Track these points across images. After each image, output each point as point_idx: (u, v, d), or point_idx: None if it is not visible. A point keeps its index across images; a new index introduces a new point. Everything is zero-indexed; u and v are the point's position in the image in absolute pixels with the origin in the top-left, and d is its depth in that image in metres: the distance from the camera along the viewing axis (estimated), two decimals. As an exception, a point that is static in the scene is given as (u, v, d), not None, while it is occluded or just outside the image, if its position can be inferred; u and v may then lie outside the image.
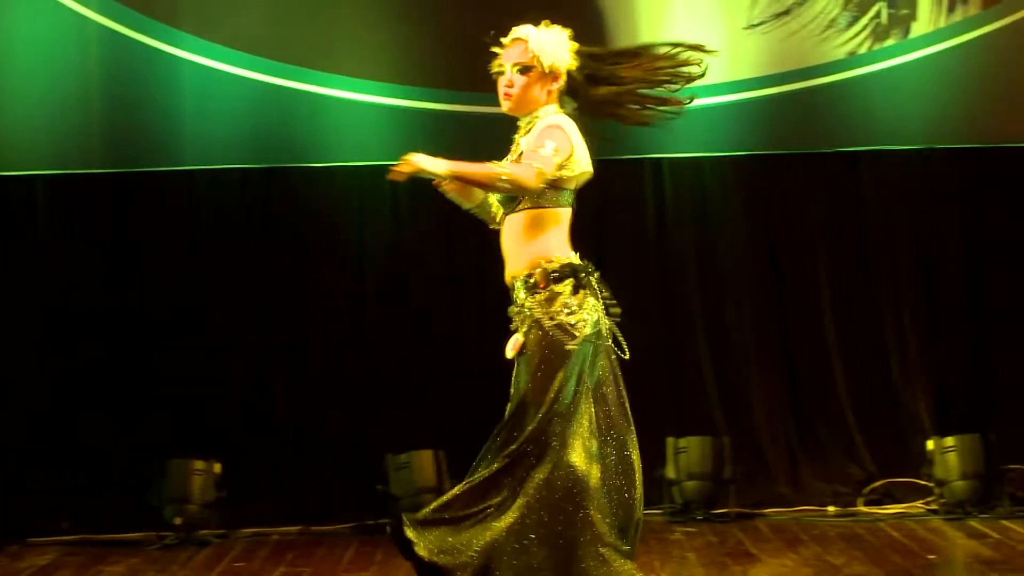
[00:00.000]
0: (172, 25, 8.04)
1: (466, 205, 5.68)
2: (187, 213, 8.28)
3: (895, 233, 8.48)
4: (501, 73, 5.61)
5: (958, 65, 8.29)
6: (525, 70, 5.48)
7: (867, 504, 8.16)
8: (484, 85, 7.72)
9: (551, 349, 5.33)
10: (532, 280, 5.38)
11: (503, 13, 8.01)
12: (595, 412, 5.37)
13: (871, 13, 8.29)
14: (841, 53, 8.27)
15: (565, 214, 5.38)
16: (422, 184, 8.20)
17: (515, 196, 5.37)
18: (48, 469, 8.03)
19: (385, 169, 8.08)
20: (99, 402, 8.14)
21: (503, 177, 5.22)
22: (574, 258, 5.38)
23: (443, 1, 8.25)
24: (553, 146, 5.27)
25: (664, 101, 5.71)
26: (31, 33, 8.02)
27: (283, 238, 8.30)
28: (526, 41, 5.56)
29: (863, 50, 8.29)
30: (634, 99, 5.64)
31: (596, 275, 5.45)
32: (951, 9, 8.28)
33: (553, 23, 7.84)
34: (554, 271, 5.33)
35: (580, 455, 5.28)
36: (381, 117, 8.14)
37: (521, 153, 5.39)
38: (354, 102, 8.14)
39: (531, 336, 5.41)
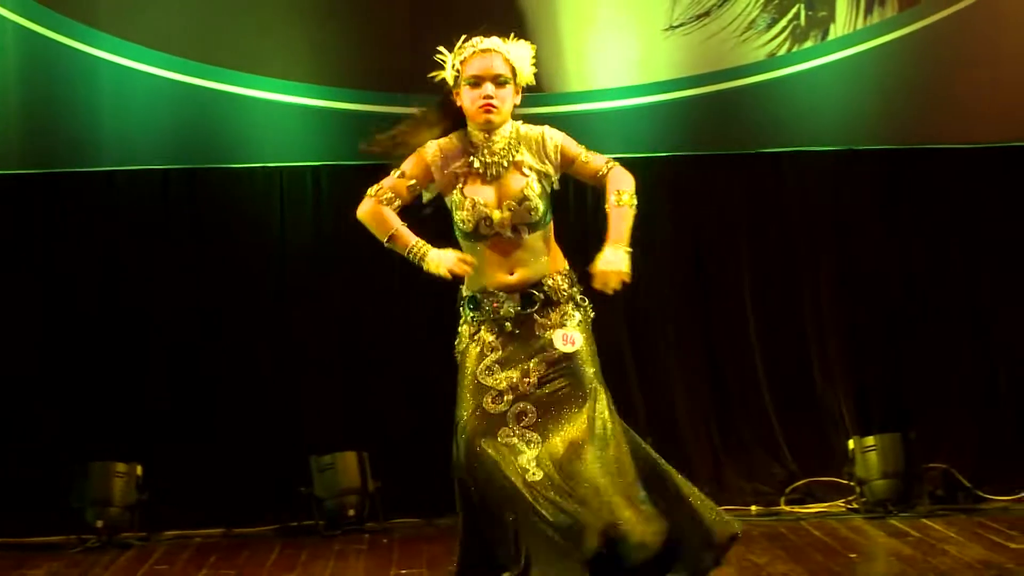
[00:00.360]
0: (90, 25, 7.99)
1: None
2: (107, 214, 8.19)
3: (816, 234, 8.52)
4: (476, 84, 5.60)
5: (876, 67, 8.35)
6: (504, 83, 5.57)
7: (789, 503, 8.20)
8: (402, 85, 7.81)
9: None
10: (572, 279, 5.68)
11: (423, 14, 8.17)
12: None
13: (790, 15, 8.34)
14: (761, 55, 8.32)
15: None
16: (343, 186, 8.27)
17: (543, 218, 5.64)
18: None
19: (307, 169, 8.27)
20: (18, 403, 8.11)
21: (635, 204, 5.60)
22: None
23: (363, 2, 8.26)
24: None
25: None
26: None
27: (205, 239, 8.26)
28: (503, 54, 5.65)
29: (782, 52, 8.33)
30: None
31: None
32: (868, 11, 8.34)
33: (477, 25, 7.97)
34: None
35: None
36: (301, 118, 8.15)
37: (580, 160, 5.66)
38: (274, 102, 8.13)
39: (583, 328, 5.69)
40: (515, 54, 5.67)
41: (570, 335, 5.65)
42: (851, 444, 8.12)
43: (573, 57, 8.19)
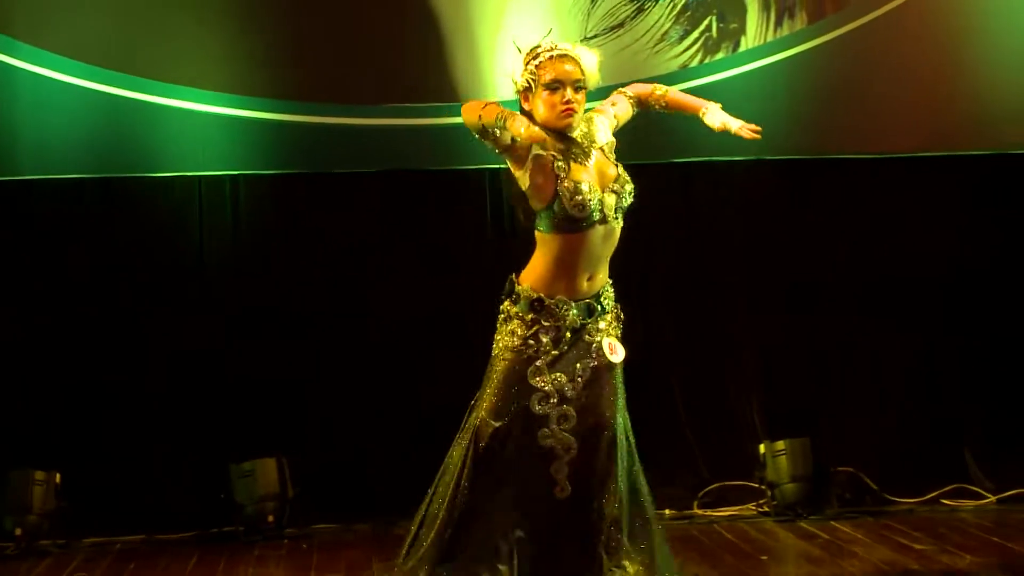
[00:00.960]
0: (7, 34, 7.92)
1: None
2: (23, 222, 8.16)
3: (727, 242, 8.57)
4: (555, 89, 5.71)
5: (785, 78, 8.39)
6: (581, 88, 5.80)
7: (702, 507, 8.24)
8: (319, 94, 8.09)
9: None
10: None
11: (338, 23, 8.14)
12: None
13: (702, 27, 8.33)
14: (674, 66, 8.28)
15: None
16: (261, 194, 8.34)
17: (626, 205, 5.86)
18: None
19: (225, 178, 8.23)
20: None
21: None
22: None
23: (279, 11, 8.17)
24: None
25: None
26: None
27: (123, 248, 8.20)
28: (577, 59, 5.81)
29: (695, 63, 8.32)
30: None
31: None
32: (778, 24, 8.37)
33: (392, 33, 7.97)
34: None
35: None
36: (219, 127, 8.08)
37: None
38: (191, 111, 8.05)
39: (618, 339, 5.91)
40: (587, 60, 5.85)
41: (616, 345, 5.83)
42: (762, 449, 8.21)
43: (489, 66, 8.14)
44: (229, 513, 7.89)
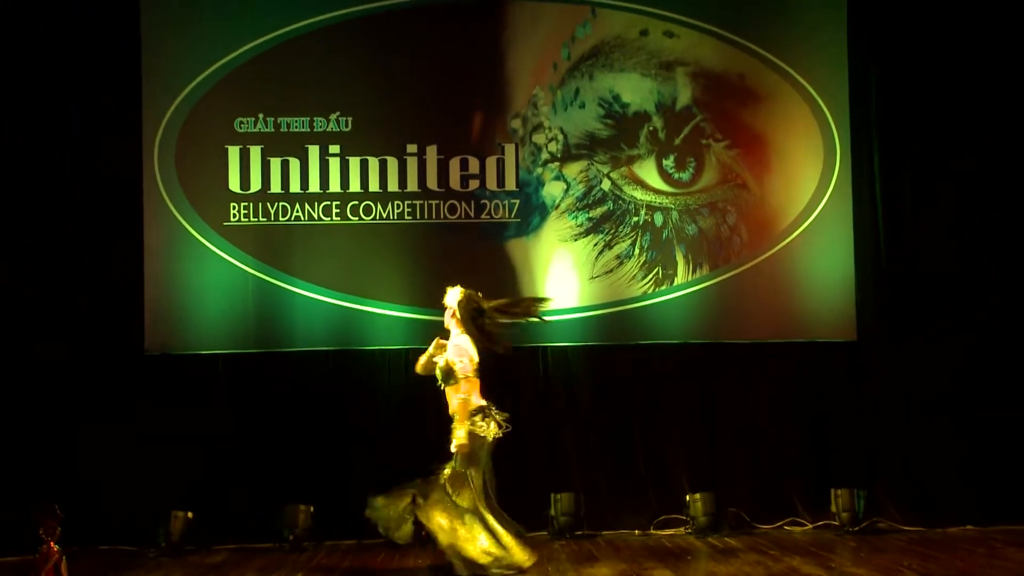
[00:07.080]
0: (288, 273, 8.52)
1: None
2: (293, 374, 8.61)
3: (666, 382, 8.78)
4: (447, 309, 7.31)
5: (699, 299, 8.73)
6: (451, 311, 7.24)
7: (655, 528, 8.60)
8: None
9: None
10: (481, 412, 7.25)
11: (454, 265, 8.41)
12: None
13: (653, 272, 8.73)
14: (639, 292, 8.69)
15: None
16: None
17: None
18: (239, 512, 8.39)
19: (402, 351, 8.55)
20: (250, 475, 8.49)
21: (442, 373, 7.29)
22: None
23: (421, 262, 8.49)
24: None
25: (527, 313, 7.34)
26: (218, 280, 8.48)
27: (345, 384, 8.61)
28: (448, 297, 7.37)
29: (650, 291, 8.71)
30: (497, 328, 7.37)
31: None
32: (695, 271, 8.72)
33: (489, 269, 8.46)
34: None
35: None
36: (398, 322, 8.48)
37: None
38: (385, 315, 8.50)
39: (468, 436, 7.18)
40: (449, 297, 7.20)
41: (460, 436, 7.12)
42: (687, 497, 8.64)
43: (541, 291, 8.49)
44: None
